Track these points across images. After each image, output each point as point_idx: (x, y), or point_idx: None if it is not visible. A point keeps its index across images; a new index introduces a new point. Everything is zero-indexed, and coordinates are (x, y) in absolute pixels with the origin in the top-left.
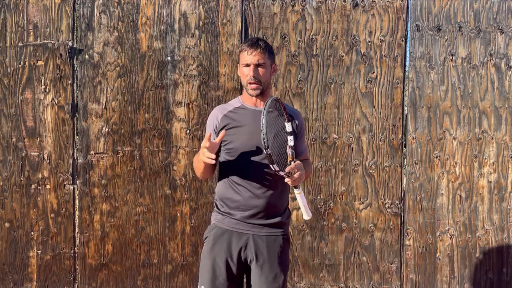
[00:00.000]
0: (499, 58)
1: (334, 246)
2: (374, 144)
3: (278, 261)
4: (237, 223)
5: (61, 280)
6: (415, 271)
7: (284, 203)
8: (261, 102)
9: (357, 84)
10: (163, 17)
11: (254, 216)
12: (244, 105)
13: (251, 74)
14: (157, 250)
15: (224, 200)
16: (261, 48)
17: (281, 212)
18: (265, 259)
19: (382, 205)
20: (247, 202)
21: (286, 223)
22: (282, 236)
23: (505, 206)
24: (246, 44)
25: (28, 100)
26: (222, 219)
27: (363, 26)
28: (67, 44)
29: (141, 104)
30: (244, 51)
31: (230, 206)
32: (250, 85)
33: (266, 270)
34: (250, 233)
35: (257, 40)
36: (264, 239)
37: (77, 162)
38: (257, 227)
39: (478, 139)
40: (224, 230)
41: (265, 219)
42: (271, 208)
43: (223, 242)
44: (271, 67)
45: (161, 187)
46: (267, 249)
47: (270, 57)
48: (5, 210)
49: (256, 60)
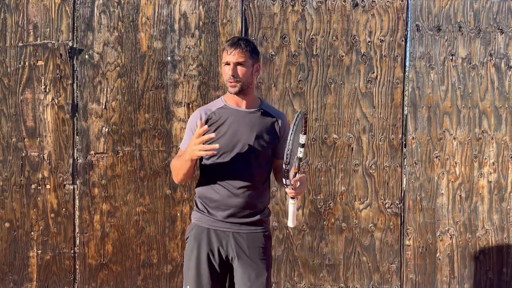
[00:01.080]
0: (499, 58)
1: (334, 246)
2: (374, 144)
3: (260, 258)
4: (216, 221)
5: (61, 280)
6: (415, 271)
7: (265, 203)
8: (243, 101)
9: (357, 84)
10: (163, 17)
11: (233, 215)
12: (227, 104)
13: (229, 73)
14: (157, 250)
15: (204, 199)
16: (241, 48)
17: (261, 210)
18: (246, 256)
19: (382, 205)
20: (226, 201)
21: (267, 221)
22: (262, 233)
23: (505, 206)
24: (228, 43)
25: (28, 100)
26: (201, 218)
27: (363, 26)
28: (67, 44)
29: (141, 104)
30: (225, 50)
31: (210, 205)
32: (229, 83)
33: (248, 268)
34: (230, 231)
35: (238, 40)
36: (245, 237)
37: (77, 162)
38: (237, 225)
39: (478, 139)
40: (204, 229)
41: (244, 218)
42: (250, 207)
43: (204, 241)
44: (253, 67)
45: (161, 187)
46: (248, 247)
47: (252, 57)
48: (5, 210)
49: (236, 59)
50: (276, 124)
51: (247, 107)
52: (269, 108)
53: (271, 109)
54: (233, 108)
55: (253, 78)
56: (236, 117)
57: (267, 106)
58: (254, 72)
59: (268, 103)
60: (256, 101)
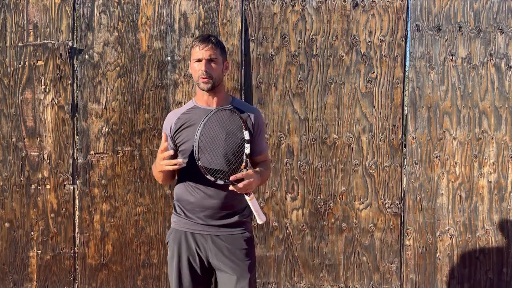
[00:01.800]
0: (499, 58)
1: (334, 246)
2: (374, 144)
3: (241, 260)
4: (194, 224)
5: (61, 280)
6: (415, 271)
7: (243, 203)
8: (213, 100)
9: (357, 84)
10: (163, 17)
11: (210, 217)
12: (197, 105)
13: (202, 69)
14: (157, 250)
15: (181, 201)
16: (213, 44)
17: (239, 211)
18: (226, 259)
19: (382, 205)
20: (201, 203)
21: (246, 222)
22: (241, 234)
23: (505, 206)
24: (198, 39)
25: (28, 100)
26: (179, 221)
27: (363, 26)
28: (67, 44)
29: (141, 104)
30: (196, 47)
31: (186, 208)
32: (201, 79)
33: (229, 271)
34: (208, 233)
35: (208, 36)
36: (223, 239)
37: (77, 162)
38: (215, 227)
39: (478, 139)
40: (182, 232)
41: (222, 220)
42: (226, 208)
43: (183, 245)
44: (223, 64)
45: (161, 187)
46: (228, 249)
47: (222, 54)
48: (5, 210)
49: (208, 55)
50: (249, 120)
51: (217, 105)
52: (240, 105)
53: (243, 105)
54: (203, 108)
55: (223, 76)
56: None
57: (238, 103)
58: (224, 70)
59: (240, 100)
60: (227, 98)
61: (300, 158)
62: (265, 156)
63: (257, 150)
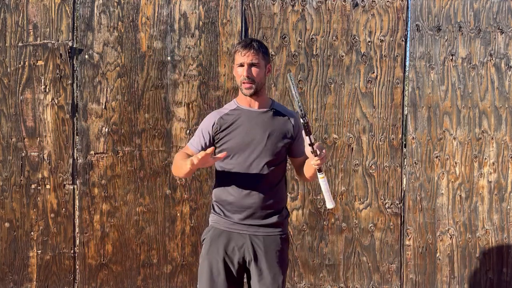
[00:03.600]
0: (499, 58)
1: (334, 246)
2: (374, 144)
3: (277, 261)
4: (234, 224)
5: (61, 280)
6: (415, 271)
7: (281, 203)
8: (256, 103)
9: (357, 84)
10: (163, 17)
11: (250, 216)
12: (239, 106)
13: (244, 74)
14: (157, 250)
15: (219, 201)
16: (255, 49)
17: (278, 211)
18: (263, 259)
19: (382, 205)
20: (241, 202)
21: (284, 223)
22: (280, 236)
23: (505, 206)
24: (240, 45)
25: (28, 100)
26: (218, 220)
27: (363, 26)
28: (67, 44)
29: (141, 104)
30: (238, 52)
31: (226, 207)
32: (243, 85)
33: (265, 271)
34: (247, 233)
35: (251, 41)
36: (262, 239)
37: (77, 162)
38: (254, 227)
39: (478, 139)
40: (221, 231)
41: (261, 219)
42: (266, 207)
43: (220, 243)
44: (266, 68)
45: (161, 187)
46: (265, 249)
47: (265, 58)
48: (5, 210)
49: (250, 60)
50: (289, 122)
51: (259, 107)
52: (280, 108)
53: (283, 109)
54: (245, 109)
55: (266, 79)
56: (249, 117)
57: (278, 106)
58: (266, 73)
59: (279, 103)
60: (268, 101)
61: None
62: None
63: (299, 150)
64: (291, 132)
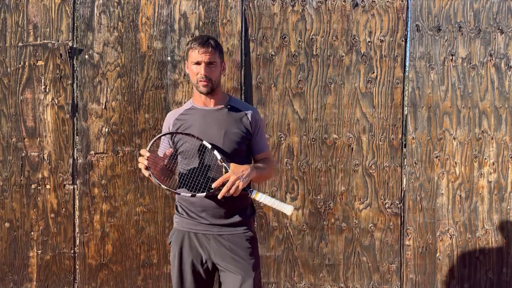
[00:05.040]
0: (499, 58)
1: (334, 246)
2: (374, 144)
3: (245, 259)
4: (197, 224)
5: (61, 280)
6: (415, 271)
7: (244, 202)
8: (211, 101)
9: (357, 84)
10: (163, 17)
11: (212, 216)
12: (194, 105)
13: (202, 72)
14: (157, 250)
15: (182, 202)
16: (212, 47)
17: (242, 210)
18: (230, 259)
19: (382, 205)
20: (203, 203)
21: (250, 221)
22: (244, 234)
23: (505, 206)
24: (197, 42)
25: (28, 100)
26: (181, 221)
27: (363, 26)
28: (67, 44)
29: (141, 104)
30: (195, 49)
31: (188, 208)
32: (200, 83)
33: (234, 270)
34: (211, 233)
35: (208, 39)
36: (226, 238)
37: (77, 162)
38: (217, 227)
39: (478, 139)
40: (185, 233)
41: (224, 219)
42: (228, 207)
43: (185, 245)
44: (221, 66)
45: (161, 187)
46: (230, 249)
47: (220, 56)
48: (5, 210)
49: (207, 59)
50: (245, 118)
51: (214, 105)
52: (237, 103)
53: (240, 104)
54: (200, 108)
55: (221, 77)
56: (203, 116)
57: (235, 102)
58: (221, 71)
59: (237, 99)
60: (225, 98)
61: (300, 158)
62: (266, 154)
63: (256, 148)
64: (248, 127)
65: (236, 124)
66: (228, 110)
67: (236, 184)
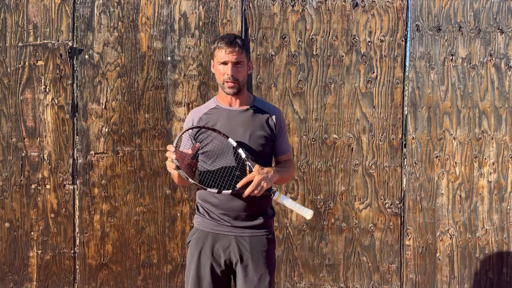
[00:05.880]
0: (499, 58)
1: (334, 246)
2: (374, 144)
3: (263, 262)
4: (218, 225)
5: (61, 280)
6: (415, 271)
7: (266, 204)
8: (237, 101)
9: (357, 84)
10: (163, 17)
11: (235, 218)
12: (219, 105)
13: (229, 73)
14: (157, 250)
15: (204, 203)
16: (239, 47)
17: (263, 212)
18: (249, 260)
19: (382, 205)
20: (225, 205)
21: (270, 223)
22: (265, 236)
23: (505, 206)
24: (224, 41)
25: (28, 100)
26: (202, 222)
27: (363, 26)
28: (67, 44)
29: (141, 104)
30: (222, 49)
31: (210, 209)
32: (227, 84)
33: (251, 272)
34: (232, 234)
35: (234, 38)
36: (248, 240)
37: (77, 162)
38: (239, 228)
39: (478, 139)
40: (206, 233)
41: (246, 221)
42: (251, 209)
43: (206, 245)
44: (247, 66)
45: (161, 187)
46: (251, 250)
47: (247, 55)
48: (5, 210)
49: (234, 59)
50: (270, 119)
51: (240, 105)
52: (262, 105)
53: (265, 105)
54: (225, 108)
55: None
56: (229, 117)
57: (260, 103)
58: (247, 71)
59: (262, 99)
60: (249, 98)
61: (300, 158)
62: (288, 156)
63: (279, 150)
64: (273, 129)
65: (262, 126)
66: (253, 111)
67: (261, 184)
